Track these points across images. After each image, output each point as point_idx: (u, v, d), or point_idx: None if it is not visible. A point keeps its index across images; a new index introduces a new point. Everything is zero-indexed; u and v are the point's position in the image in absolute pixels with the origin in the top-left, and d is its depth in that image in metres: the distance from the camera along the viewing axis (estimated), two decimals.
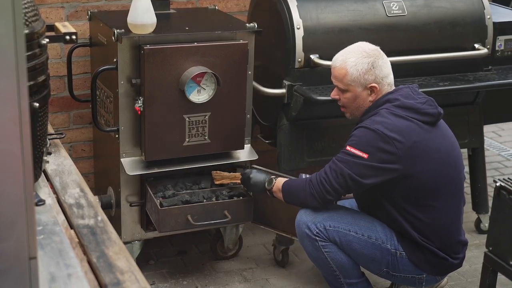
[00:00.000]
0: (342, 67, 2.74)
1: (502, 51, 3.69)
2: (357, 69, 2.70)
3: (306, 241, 2.80)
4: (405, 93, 2.72)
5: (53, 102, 3.48)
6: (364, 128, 2.64)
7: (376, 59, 2.72)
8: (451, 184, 2.75)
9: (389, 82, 2.75)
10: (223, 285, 3.30)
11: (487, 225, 3.10)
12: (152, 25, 2.96)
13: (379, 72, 2.71)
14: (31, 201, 1.27)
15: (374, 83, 2.71)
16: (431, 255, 2.74)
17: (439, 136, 2.72)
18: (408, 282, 2.83)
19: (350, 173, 2.62)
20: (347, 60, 2.73)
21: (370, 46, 2.77)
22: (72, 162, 2.25)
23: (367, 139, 2.61)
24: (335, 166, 2.66)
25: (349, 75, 2.72)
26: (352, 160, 2.62)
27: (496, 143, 5.16)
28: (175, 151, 3.08)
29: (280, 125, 3.36)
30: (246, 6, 3.71)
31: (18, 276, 1.29)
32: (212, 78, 2.99)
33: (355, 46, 2.78)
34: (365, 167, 2.61)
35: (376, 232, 2.76)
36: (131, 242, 3.23)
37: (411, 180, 2.64)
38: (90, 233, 1.76)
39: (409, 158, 2.61)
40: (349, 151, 2.63)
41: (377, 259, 2.76)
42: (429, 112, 2.69)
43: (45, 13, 3.34)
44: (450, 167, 2.73)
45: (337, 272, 2.80)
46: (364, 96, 2.74)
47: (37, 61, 1.79)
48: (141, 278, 1.54)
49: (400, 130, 2.61)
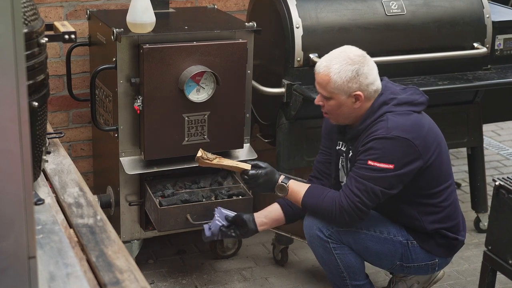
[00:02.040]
0: (325, 74, 2.62)
1: (501, 50, 3.69)
2: (341, 76, 2.59)
3: (316, 243, 2.78)
4: (391, 88, 2.70)
5: (52, 101, 3.48)
6: (382, 139, 2.57)
7: (361, 66, 2.60)
8: (448, 164, 2.80)
9: (375, 89, 2.65)
10: (222, 284, 3.30)
11: (486, 224, 3.10)
12: (151, 24, 2.96)
13: (364, 79, 2.61)
14: (30, 200, 1.26)
15: (359, 91, 2.61)
16: (440, 238, 2.77)
17: (430, 121, 2.75)
18: (421, 271, 2.85)
19: (381, 189, 2.58)
20: (331, 66, 2.61)
21: (355, 52, 2.64)
22: (71, 161, 2.25)
23: (389, 149, 2.56)
24: (364, 186, 2.58)
25: (332, 82, 2.61)
26: (379, 176, 2.57)
27: (495, 142, 5.16)
28: (174, 150, 3.08)
29: (279, 124, 3.36)
30: (245, 5, 3.71)
31: (17, 275, 1.29)
32: (211, 77, 2.99)
33: (339, 52, 2.65)
34: (393, 178, 2.58)
35: (386, 227, 2.76)
36: (130, 241, 3.23)
37: (427, 171, 2.66)
38: (89, 232, 1.76)
39: (426, 150, 2.63)
40: (374, 166, 2.56)
41: (390, 253, 2.77)
42: (422, 102, 2.71)
43: (44, 12, 3.34)
44: (445, 148, 2.78)
45: (345, 274, 2.79)
46: (348, 104, 2.64)
47: (36, 60, 1.79)
48: (140, 277, 1.54)
49: (413, 128, 2.61)
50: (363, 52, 2.67)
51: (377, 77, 2.67)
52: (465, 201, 4.09)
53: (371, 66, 2.65)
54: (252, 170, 2.80)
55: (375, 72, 2.66)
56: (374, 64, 2.68)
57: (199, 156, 2.81)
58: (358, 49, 2.68)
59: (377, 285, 3.26)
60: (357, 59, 2.62)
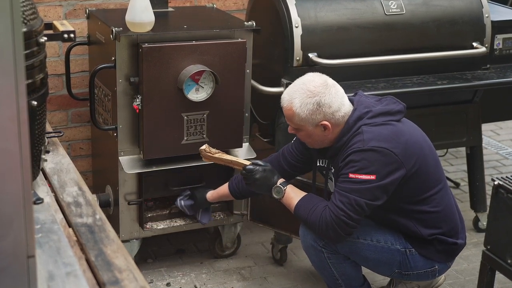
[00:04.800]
0: (289, 108, 2.63)
1: (500, 49, 3.69)
2: (303, 110, 2.58)
3: (311, 251, 2.79)
4: (364, 102, 2.66)
5: (51, 100, 3.48)
6: (359, 151, 2.56)
7: (321, 97, 2.57)
8: (437, 168, 2.75)
9: (342, 114, 2.61)
10: (221, 284, 3.30)
11: (485, 224, 3.11)
12: (150, 24, 2.96)
13: (327, 109, 2.58)
14: (29, 199, 1.26)
15: (324, 121, 2.59)
16: (439, 244, 2.74)
17: (411, 127, 2.72)
18: (421, 278, 2.83)
19: (365, 201, 2.54)
20: (292, 100, 2.61)
21: (315, 82, 2.60)
22: (70, 160, 2.25)
23: (369, 160, 2.54)
24: (348, 199, 2.54)
25: (296, 116, 2.61)
26: (362, 187, 2.54)
27: (494, 142, 5.16)
28: (173, 150, 3.08)
29: (278, 124, 3.36)
30: (244, 5, 3.71)
31: (16, 275, 1.29)
32: (210, 76, 2.99)
33: (299, 84, 2.62)
34: (376, 189, 2.55)
35: (384, 235, 2.74)
36: (129, 241, 3.23)
37: (412, 179, 2.63)
38: (88, 231, 1.76)
39: (408, 158, 2.60)
40: (356, 178, 2.54)
41: (388, 261, 2.75)
42: (399, 110, 2.68)
43: (43, 11, 3.34)
44: (431, 153, 2.74)
45: (340, 281, 2.79)
46: (318, 133, 2.64)
47: (35, 60, 1.79)
48: (139, 277, 1.54)
49: (391, 137, 2.58)
50: (325, 79, 2.63)
51: (342, 102, 2.62)
52: (464, 200, 4.09)
53: (333, 92, 2.60)
54: (250, 165, 2.80)
55: (338, 98, 2.61)
56: (337, 89, 2.63)
57: (203, 149, 2.89)
58: (321, 76, 2.64)
59: (376, 284, 3.26)
60: (317, 90, 2.59)
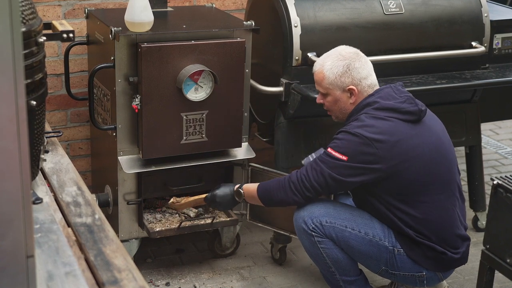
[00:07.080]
0: (320, 71, 2.80)
1: (499, 49, 3.69)
2: (333, 72, 2.76)
3: (303, 236, 2.82)
4: (386, 94, 2.73)
5: (50, 100, 3.48)
6: (345, 132, 2.68)
7: (352, 61, 2.76)
8: (441, 179, 2.74)
9: (369, 83, 2.77)
10: (220, 283, 3.30)
11: (485, 223, 3.11)
12: (150, 23, 2.95)
13: (356, 74, 2.75)
14: (28, 199, 1.26)
15: (352, 85, 2.75)
16: (428, 250, 2.74)
17: (425, 132, 2.72)
18: (408, 281, 2.82)
19: (330, 173, 2.66)
20: (324, 64, 2.79)
21: (348, 50, 2.81)
22: (69, 160, 2.25)
23: (347, 142, 2.65)
24: (316, 165, 2.70)
25: (326, 78, 2.78)
26: (332, 161, 2.67)
27: (493, 141, 5.16)
28: (173, 149, 3.08)
29: (277, 123, 3.36)
30: (243, 4, 3.71)
31: (16, 274, 1.29)
32: (209, 76, 2.99)
33: (333, 50, 2.83)
34: (345, 168, 2.65)
35: (374, 229, 2.76)
36: (128, 240, 3.23)
37: (395, 178, 2.67)
38: (87, 231, 1.76)
39: (392, 157, 2.63)
40: (330, 153, 2.68)
41: (375, 256, 2.76)
42: (410, 110, 2.69)
43: (42, 11, 3.34)
44: (438, 163, 2.73)
45: (333, 269, 2.80)
46: (344, 99, 2.78)
47: (34, 59, 1.79)
48: (138, 276, 1.54)
49: (381, 131, 2.64)
50: (357, 50, 2.83)
51: (370, 73, 2.79)
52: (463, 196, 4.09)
53: (363, 61, 2.79)
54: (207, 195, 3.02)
55: (368, 67, 2.79)
56: (368, 61, 2.81)
57: (171, 202, 3.18)
58: (353, 48, 2.83)
59: (376, 284, 3.26)
60: (348, 55, 2.78)
